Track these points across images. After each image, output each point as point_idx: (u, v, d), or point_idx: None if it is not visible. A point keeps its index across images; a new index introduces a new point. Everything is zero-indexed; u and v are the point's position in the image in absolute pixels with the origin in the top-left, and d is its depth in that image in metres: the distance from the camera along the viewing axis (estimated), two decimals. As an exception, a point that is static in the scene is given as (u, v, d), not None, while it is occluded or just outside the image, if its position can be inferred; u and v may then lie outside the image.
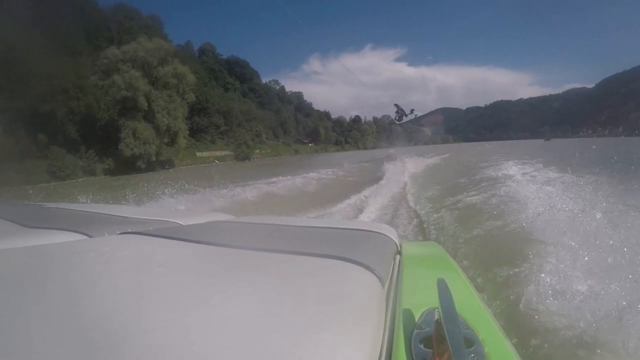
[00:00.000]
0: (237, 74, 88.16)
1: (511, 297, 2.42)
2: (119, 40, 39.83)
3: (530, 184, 6.24)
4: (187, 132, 37.45)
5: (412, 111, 28.10)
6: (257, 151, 59.01)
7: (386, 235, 1.17)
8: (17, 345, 0.41)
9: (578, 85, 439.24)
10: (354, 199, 8.43)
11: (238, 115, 59.38)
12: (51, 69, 29.74)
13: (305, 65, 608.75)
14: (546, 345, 1.89)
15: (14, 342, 0.42)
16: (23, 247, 0.91)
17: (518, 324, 2.10)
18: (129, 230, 1.18)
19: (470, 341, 0.51)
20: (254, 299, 0.56)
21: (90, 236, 1.13)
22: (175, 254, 0.90)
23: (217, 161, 46.64)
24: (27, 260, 0.78)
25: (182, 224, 1.44)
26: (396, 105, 28.50)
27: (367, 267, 0.71)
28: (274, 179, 11.74)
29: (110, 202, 5.34)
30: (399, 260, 1.00)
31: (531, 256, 2.86)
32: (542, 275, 2.44)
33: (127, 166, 30.25)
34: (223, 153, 50.45)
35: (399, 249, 1.14)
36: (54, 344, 0.41)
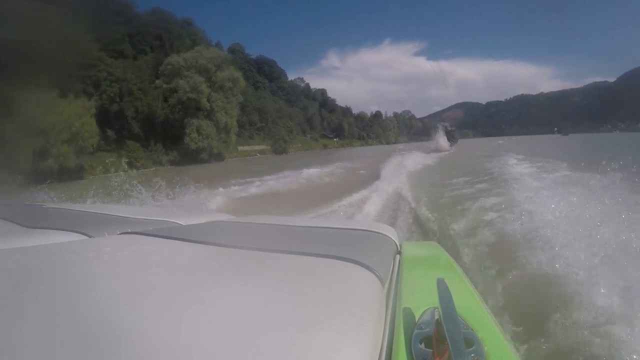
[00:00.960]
0: (265, 73, 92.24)
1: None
2: (170, 46, 44.65)
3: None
4: (237, 129, 42.12)
5: (451, 129, 33.31)
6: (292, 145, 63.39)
7: (386, 235, 1.17)
8: (17, 345, 0.41)
9: (599, 79, 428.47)
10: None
11: (272, 113, 63.81)
12: (118, 72, 34.62)
13: (324, 61, 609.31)
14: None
15: (14, 342, 0.41)
16: (23, 247, 0.92)
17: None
18: (129, 230, 1.19)
19: (470, 341, 0.51)
20: (254, 298, 0.57)
21: (90, 236, 1.14)
22: (175, 254, 0.91)
23: (258, 154, 50.94)
24: (27, 260, 0.79)
25: (182, 224, 1.46)
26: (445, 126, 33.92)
27: (367, 267, 0.72)
28: (343, 163, 16.20)
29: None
30: (399, 260, 1.01)
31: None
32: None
33: (191, 158, 34.66)
34: (261, 147, 54.72)
35: (399, 248, 1.14)
36: (54, 344, 0.41)
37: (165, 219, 1.53)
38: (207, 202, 7.59)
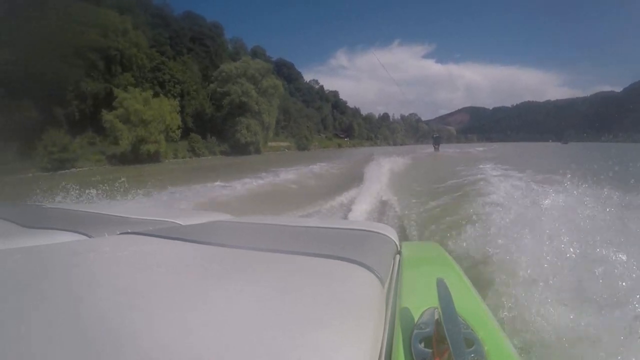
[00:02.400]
0: (284, 75, 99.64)
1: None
2: (215, 53, 52.91)
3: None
4: (274, 128, 50.56)
5: (437, 144, 42.18)
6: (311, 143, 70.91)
7: (386, 235, 1.18)
8: (18, 345, 0.41)
9: (607, 89, 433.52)
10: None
11: (293, 113, 71.92)
12: (178, 75, 42.66)
13: (332, 60, 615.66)
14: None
15: (14, 342, 0.41)
16: (23, 247, 0.92)
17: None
18: (129, 230, 1.19)
19: (470, 341, 0.51)
20: (254, 298, 0.57)
21: (90, 236, 1.14)
22: (175, 254, 0.91)
23: (286, 150, 58.79)
24: (27, 260, 0.79)
25: (182, 224, 1.46)
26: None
27: (367, 267, 0.72)
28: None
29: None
30: (399, 260, 1.02)
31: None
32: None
33: (238, 150, 42.63)
34: (286, 144, 62.32)
35: (399, 248, 1.15)
36: (54, 344, 0.41)
37: (165, 219, 1.54)
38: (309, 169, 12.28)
